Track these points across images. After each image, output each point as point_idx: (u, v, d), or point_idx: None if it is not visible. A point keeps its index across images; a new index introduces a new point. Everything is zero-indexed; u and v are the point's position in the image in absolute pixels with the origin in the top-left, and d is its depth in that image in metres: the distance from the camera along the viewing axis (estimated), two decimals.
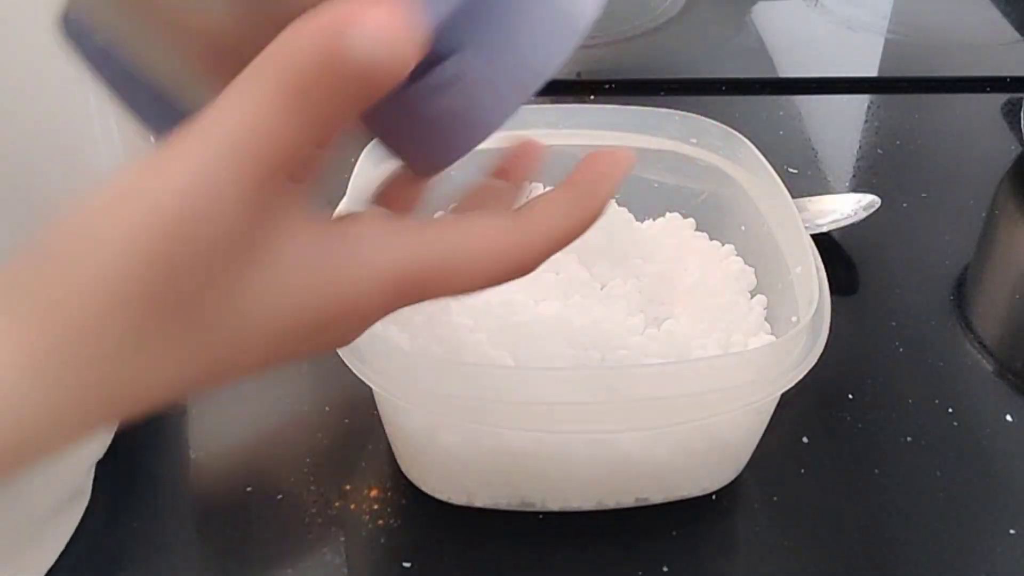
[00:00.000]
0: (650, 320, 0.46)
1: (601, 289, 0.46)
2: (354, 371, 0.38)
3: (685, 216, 0.51)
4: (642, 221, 0.51)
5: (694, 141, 0.50)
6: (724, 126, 0.49)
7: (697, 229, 0.51)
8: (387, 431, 0.44)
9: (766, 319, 0.46)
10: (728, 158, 0.49)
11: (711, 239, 0.50)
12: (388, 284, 0.25)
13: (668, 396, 0.38)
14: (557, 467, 0.42)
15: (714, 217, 0.50)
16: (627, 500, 0.44)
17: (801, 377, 0.39)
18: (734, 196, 0.49)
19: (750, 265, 0.48)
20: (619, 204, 0.51)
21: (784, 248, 0.45)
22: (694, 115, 0.50)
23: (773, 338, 0.44)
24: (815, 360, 0.39)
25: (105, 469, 0.45)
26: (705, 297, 0.46)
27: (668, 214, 0.51)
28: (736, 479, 0.45)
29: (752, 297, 0.47)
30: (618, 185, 0.28)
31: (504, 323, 0.43)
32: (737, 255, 0.49)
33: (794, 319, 0.42)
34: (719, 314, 0.45)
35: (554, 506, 0.43)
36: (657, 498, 0.44)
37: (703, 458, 0.43)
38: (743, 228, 0.49)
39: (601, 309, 0.45)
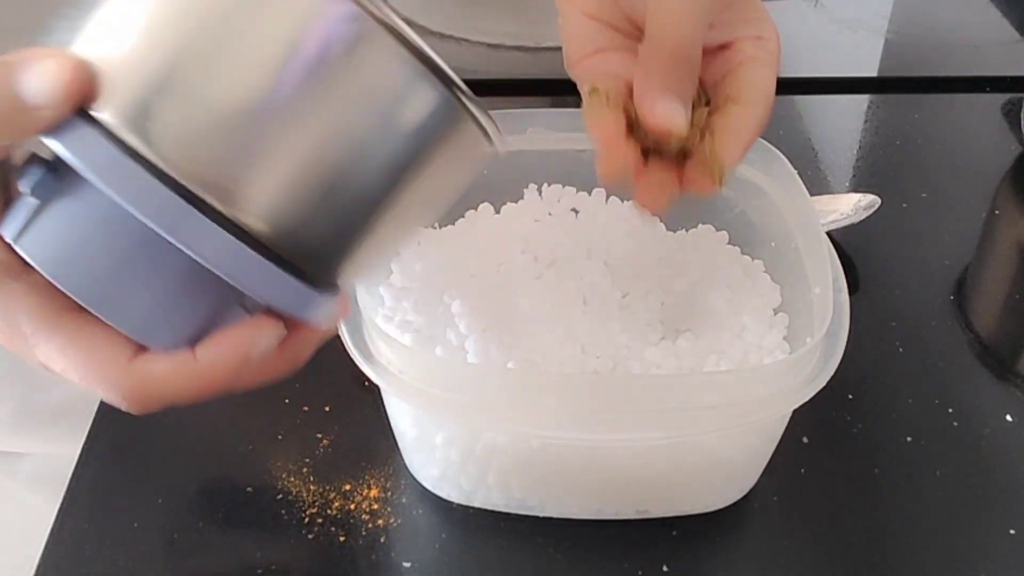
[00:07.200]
0: (668, 332, 0.45)
1: (623, 298, 0.46)
2: (362, 369, 0.38)
3: (718, 229, 0.50)
4: (675, 231, 0.50)
5: None
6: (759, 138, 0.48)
7: (729, 243, 0.49)
8: (392, 428, 0.44)
9: (785, 338, 0.44)
10: (762, 171, 0.47)
11: (742, 253, 0.49)
12: None
13: (671, 409, 0.38)
14: (557, 474, 0.42)
15: (745, 231, 0.49)
16: (627, 512, 0.43)
17: (809, 398, 0.38)
18: (766, 211, 0.47)
19: (776, 283, 0.47)
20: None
21: (808, 268, 0.43)
22: None
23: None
24: (824, 382, 0.38)
25: (104, 469, 0.45)
26: (727, 314, 0.45)
27: (700, 226, 0.50)
28: None
29: (775, 315, 0.45)
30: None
31: (516, 326, 0.43)
32: (765, 271, 0.48)
33: (809, 340, 0.41)
34: (738, 332, 0.44)
35: (552, 512, 0.43)
36: (658, 512, 0.43)
37: (705, 476, 0.42)
38: (773, 244, 0.47)
39: (619, 318, 0.44)
